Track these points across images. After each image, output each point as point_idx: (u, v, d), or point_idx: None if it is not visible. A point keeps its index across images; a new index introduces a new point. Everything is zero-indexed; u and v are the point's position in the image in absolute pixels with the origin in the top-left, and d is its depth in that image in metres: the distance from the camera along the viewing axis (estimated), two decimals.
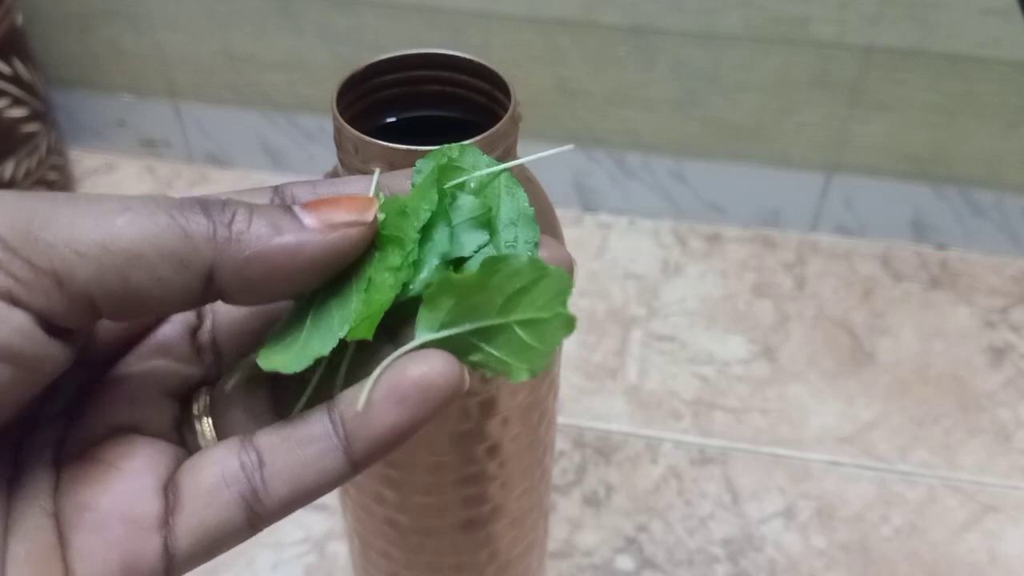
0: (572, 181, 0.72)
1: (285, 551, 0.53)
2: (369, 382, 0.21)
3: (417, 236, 0.22)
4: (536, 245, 0.23)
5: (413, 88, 0.33)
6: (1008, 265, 0.70)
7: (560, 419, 0.59)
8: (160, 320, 0.24)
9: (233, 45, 0.70)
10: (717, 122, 0.67)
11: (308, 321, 0.22)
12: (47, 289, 0.19)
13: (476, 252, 0.23)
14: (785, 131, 0.67)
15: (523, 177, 0.33)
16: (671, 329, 0.65)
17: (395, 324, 0.22)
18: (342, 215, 0.21)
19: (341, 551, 0.53)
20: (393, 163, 0.29)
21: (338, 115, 0.30)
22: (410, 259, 0.22)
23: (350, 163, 0.30)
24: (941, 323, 0.66)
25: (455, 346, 0.21)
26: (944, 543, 0.54)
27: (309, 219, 0.21)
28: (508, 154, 0.31)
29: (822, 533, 0.54)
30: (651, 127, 0.68)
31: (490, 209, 0.23)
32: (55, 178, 0.71)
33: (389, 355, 0.21)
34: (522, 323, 0.21)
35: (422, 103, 0.33)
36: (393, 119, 0.33)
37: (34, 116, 0.68)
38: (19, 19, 0.66)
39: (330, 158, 0.32)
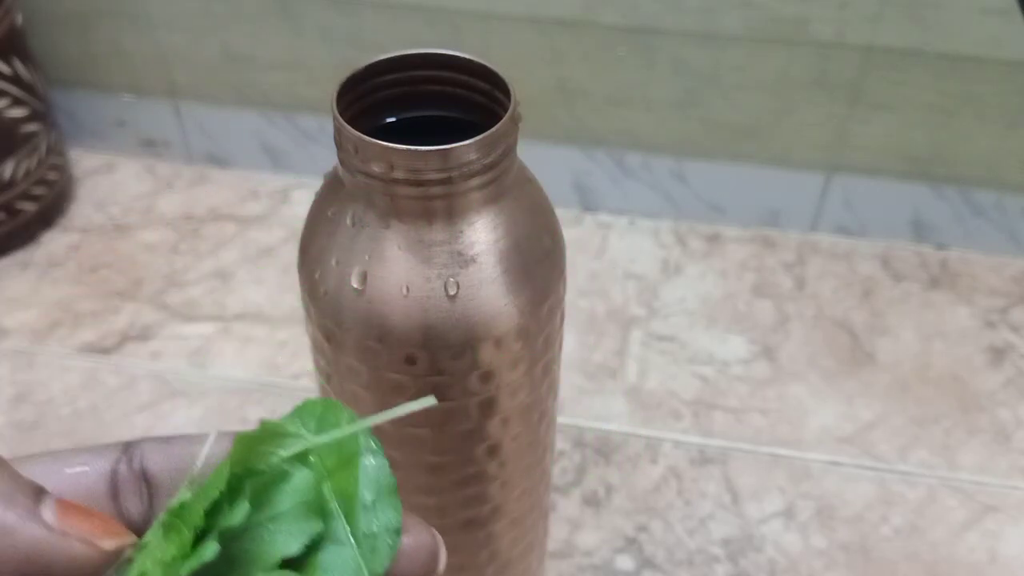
0: (572, 181, 0.72)
1: None
2: None
3: (200, 523, 0.19)
4: (398, 533, 0.20)
5: (413, 88, 0.33)
6: (1008, 265, 0.70)
7: (560, 419, 0.59)
8: None
9: (233, 45, 0.70)
10: (717, 122, 0.67)
11: None
12: None
13: (307, 549, 0.19)
14: (785, 131, 0.67)
15: (523, 177, 0.33)
16: (671, 329, 0.65)
17: None
18: (84, 528, 0.19)
19: None
20: (393, 163, 0.29)
21: (338, 115, 0.30)
22: (186, 550, 0.19)
23: (350, 163, 0.30)
24: (941, 323, 0.66)
25: None
26: (944, 543, 0.54)
27: (48, 513, 0.19)
28: (508, 154, 0.31)
29: (822, 533, 0.54)
30: (651, 127, 0.68)
31: (321, 491, 0.20)
32: (55, 178, 0.71)
33: None
34: None
35: (422, 103, 0.33)
36: (393, 119, 0.33)
37: (34, 116, 0.68)
38: (19, 19, 0.66)
39: (330, 158, 0.32)
